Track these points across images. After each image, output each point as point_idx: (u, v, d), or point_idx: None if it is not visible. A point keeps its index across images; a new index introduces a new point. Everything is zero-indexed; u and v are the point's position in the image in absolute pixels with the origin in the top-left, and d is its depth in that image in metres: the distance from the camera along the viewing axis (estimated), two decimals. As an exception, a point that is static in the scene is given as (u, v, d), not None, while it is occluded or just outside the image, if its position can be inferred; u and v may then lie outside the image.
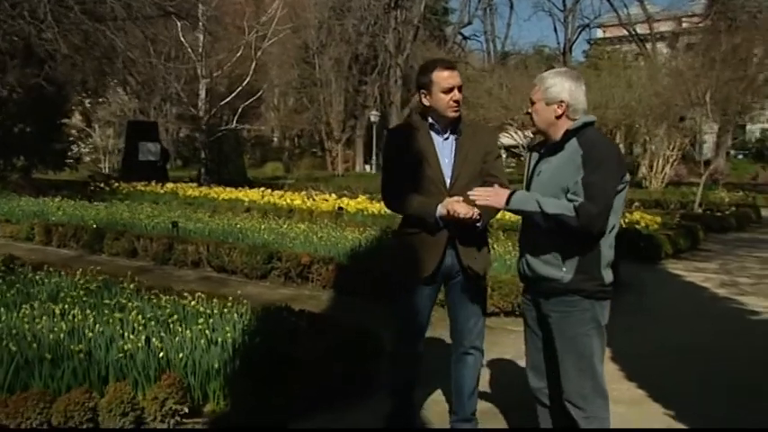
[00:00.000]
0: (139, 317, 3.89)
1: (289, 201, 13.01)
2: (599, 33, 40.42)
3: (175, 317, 3.93)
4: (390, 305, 3.28)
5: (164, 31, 18.28)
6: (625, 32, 35.22)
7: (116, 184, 16.35)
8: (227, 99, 21.85)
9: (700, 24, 30.77)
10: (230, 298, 4.38)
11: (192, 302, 4.26)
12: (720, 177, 22.46)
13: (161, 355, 3.51)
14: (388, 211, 11.84)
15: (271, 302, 4.75)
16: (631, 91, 18.35)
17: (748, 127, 36.56)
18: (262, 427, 3.38)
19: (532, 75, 21.78)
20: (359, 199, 12.91)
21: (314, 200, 13.42)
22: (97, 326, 3.69)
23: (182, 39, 19.28)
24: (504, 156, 38.70)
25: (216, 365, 3.50)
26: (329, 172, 30.92)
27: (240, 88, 21.16)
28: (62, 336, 3.59)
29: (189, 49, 20.02)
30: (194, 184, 17.07)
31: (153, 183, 16.01)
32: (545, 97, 2.60)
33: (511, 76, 19.91)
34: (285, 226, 8.68)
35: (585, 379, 2.56)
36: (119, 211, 10.47)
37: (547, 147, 2.66)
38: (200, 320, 3.84)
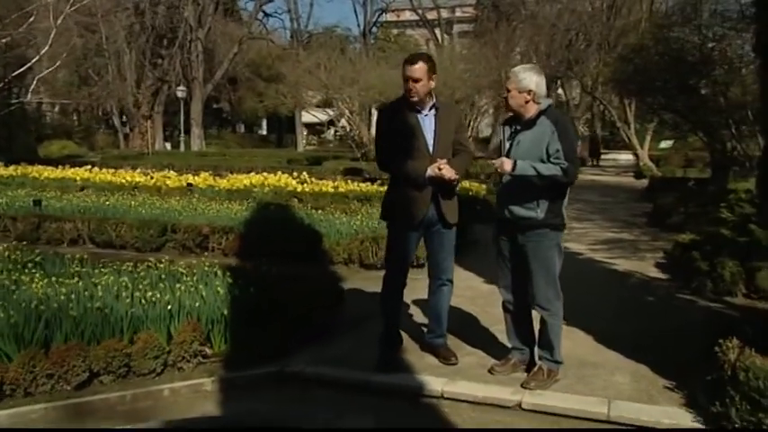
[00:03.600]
0: (125, 279, 4.23)
1: (129, 178, 12.69)
2: (393, 17, 43.03)
3: (163, 276, 4.33)
4: (295, 265, 4.13)
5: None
6: (416, 17, 38.02)
7: None
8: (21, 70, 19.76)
9: (475, 13, 34.60)
10: (194, 261, 4.83)
11: (161, 265, 4.64)
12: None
13: (168, 307, 3.96)
14: (240, 186, 12.18)
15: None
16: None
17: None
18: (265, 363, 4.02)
19: (350, 56, 23.12)
20: (203, 176, 13.06)
21: (151, 176, 13.26)
22: (98, 287, 3.98)
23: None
24: (304, 133, 39.36)
25: (218, 314, 4.05)
26: (136, 150, 29.23)
27: (38, 58, 19.31)
28: (62, 298, 3.84)
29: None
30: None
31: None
32: (517, 86, 3.60)
33: (330, 57, 20.81)
34: (157, 201, 8.79)
35: (550, 288, 3.68)
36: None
37: (522, 123, 3.64)
38: (185, 278, 4.31)
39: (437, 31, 36.83)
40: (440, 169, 3.77)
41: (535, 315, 3.88)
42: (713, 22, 11.03)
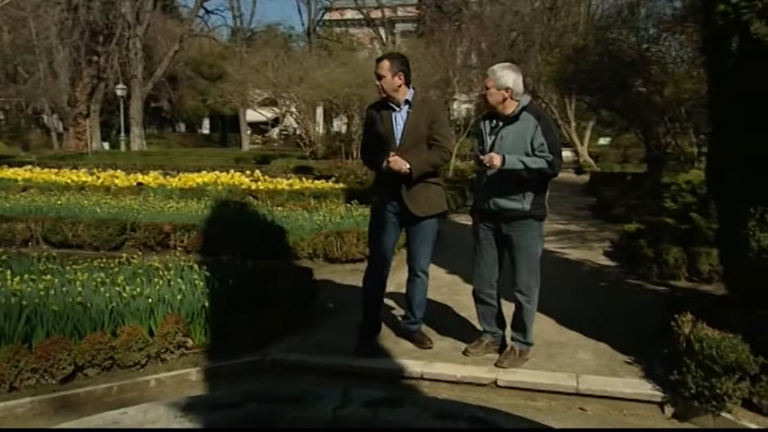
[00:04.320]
0: (101, 275, 4.24)
1: (75, 178, 12.38)
2: (336, 15, 43.00)
3: (140, 271, 4.35)
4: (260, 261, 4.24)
5: None
6: (360, 16, 38.14)
7: None
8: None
9: (417, 12, 35.03)
10: (155, 258, 4.86)
11: (135, 261, 4.66)
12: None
13: (149, 301, 4.00)
14: (192, 185, 12.10)
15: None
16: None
17: (454, 106, 43.00)
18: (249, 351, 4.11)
19: (296, 55, 23.04)
20: (153, 175, 12.87)
21: (98, 176, 12.97)
22: (77, 283, 3.98)
23: None
24: (248, 132, 38.80)
25: (197, 306, 4.12)
26: (72, 150, 28.22)
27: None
28: (41, 293, 3.84)
29: None
30: None
31: None
32: (496, 84, 3.78)
33: (278, 55, 20.71)
34: (112, 200, 8.66)
35: (531, 275, 3.89)
36: None
37: (504, 119, 3.82)
38: (163, 273, 4.35)
39: (381, 30, 37.06)
40: (388, 162, 3.91)
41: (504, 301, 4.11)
42: (648, 24, 11.65)
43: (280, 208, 8.30)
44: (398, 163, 3.92)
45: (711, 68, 3.52)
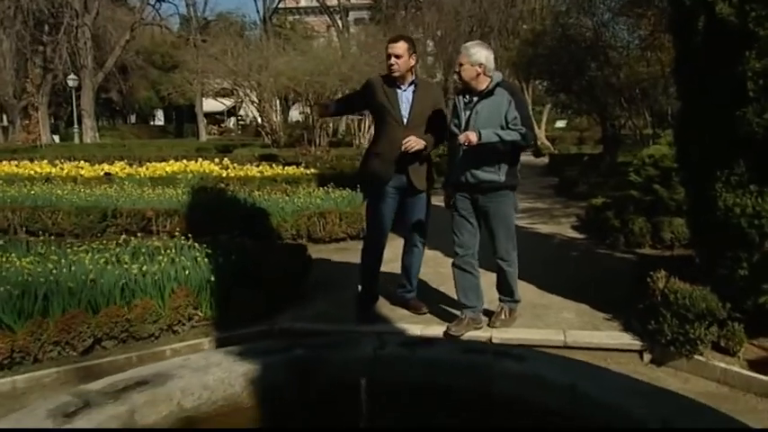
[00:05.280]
0: (107, 255, 4.37)
1: (39, 169, 12.19)
2: (292, 3, 42.67)
3: (143, 250, 4.49)
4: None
5: None
6: (316, 3, 37.97)
7: None
8: None
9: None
10: (164, 237, 4.99)
11: (134, 242, 4.79)
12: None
13: (156, 277, 4.16)
14: (162, 173, 12.05)
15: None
16: (345, 61, 20.78)
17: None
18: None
19: (258, 44, 22.89)
20: (119, 165, 12.77)
21: (61, 167, 12.80)
22: (86, 261, 4.10)
23: None
24: (203, 124, 38.12)
25: (203, 281, 4.30)
26: (20, 143, 27.36)
27: None
28: (54, 272, 3.95)
29: None
30: None
31: None
32: (469, 60, 4.01)
33: (237, 43, 20.58)
34: (87, 189, 8.66)
35: (509, 241, 4.18)
36: None
37: (478, 94, 4.04)
38: (165, 252, 4.51)
39: (338, 18, 36.98)
40: (405, 145, 4.11)
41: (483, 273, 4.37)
42: (604, 9, 12.15)
43: (257, 193, 8.43)
44: (414, 141, 4.13)
45: (679, 47, 3.88)
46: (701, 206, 3.82)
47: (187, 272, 4.24)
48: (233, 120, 44.60)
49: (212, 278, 4.30)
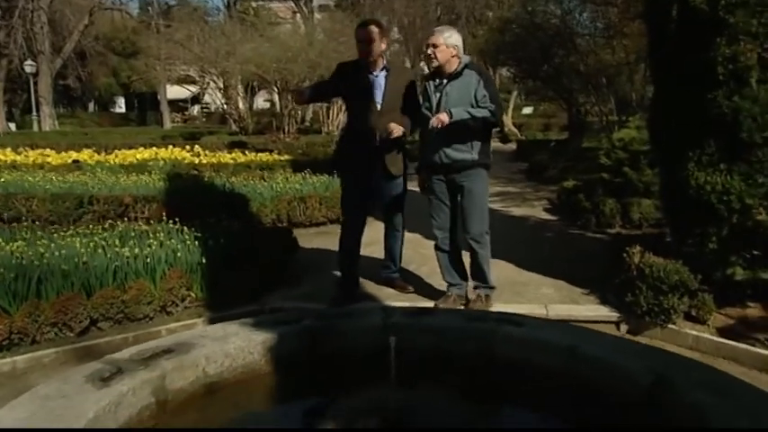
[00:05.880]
0: (95, 239, 4.39)
1: (3, 156, 11.96)
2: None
3: (133, 234, 4.53)
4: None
5: None
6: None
7: None
8: None
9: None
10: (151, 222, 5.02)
11: (121, 226, 4.81)
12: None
13: (148, 260, 4.21)
14: (133, 161, 11.95)
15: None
16: (313, 48, 20.69)
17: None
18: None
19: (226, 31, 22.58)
20: (87, 152, 12.58)
21: (26, 155, 12.56)
22: (77, 245, 4.13)
23: None
24: (167, 111, 37.53)
25: (194, 263, 4.36)
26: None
27: None
28: (47, 255, 3.97)
29: None
30: None
31: None
32: (445, 42, 4.09)
33: (203, 29, 20.30)
34: (59, 176, 8.55)
35: (483, 222, 4.27)
36: None
37: (447, 76, 4.11)
38: (153, 236, 4.55)
39: (302, 3, 36.66)
40: (388, 131, 4.16)
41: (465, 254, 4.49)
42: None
43: (233, 179, 8.44)
44: (398, 128, 4.17)
45: (652, 34, 4.08)
46: (674, 185, 4.04)
47: (179, 254, 4.30)
48: (196, 107, 43.96)
49: (203, 260, 4.36)
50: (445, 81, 4.12)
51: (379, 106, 4.31)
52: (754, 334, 3.65)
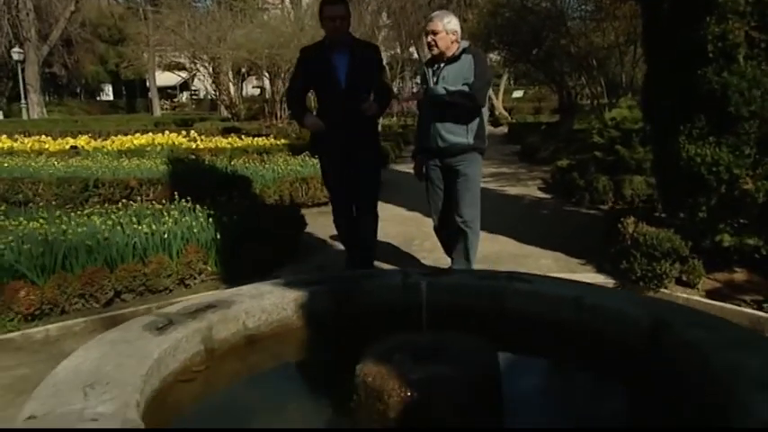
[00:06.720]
0: (113, 217, 4.56)
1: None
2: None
3: (147, 213, 4.70)
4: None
5: None
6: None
7: None
8: None
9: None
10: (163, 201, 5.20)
11: (135, 206, 4.98)
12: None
13: (164, 236, 4.39)
14: (131, 146, 12.06)
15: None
16: (305, 33, 20.73)
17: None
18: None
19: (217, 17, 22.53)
20: (83, 138, 12.67)
21: (22, 141, 12.63)
22: (97, 222, 4.30)
23: None
24: (156, 98, 37.29)
25: (209, 239, 4.55)
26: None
27: None
28: (70, 231, 4.14)
29: None
30: None
31: None
32: (445, 28, 4.17)
33: (194, 15, 20.28)
34: (62, 161, 8.67)
35: (475, 207, 4.36)
36: None
37: (446, 60, 4.18)
38: (168, 214, 4.73)
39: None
40: (364, 108, 4.01)
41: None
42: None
43: (234, 162, 8.60)
44: (371, 107, 4.05)
45: (646, 14, 4.28)
46: (666, 159, 4.27)
47: (196, 230, 4.48)
48: (186, 94, 43.79)
49: (217, 236, 4.55)
50: (442, 65, 4.17)
51: (342, 85, 4.09)
52: (741, 295, 3.91)
